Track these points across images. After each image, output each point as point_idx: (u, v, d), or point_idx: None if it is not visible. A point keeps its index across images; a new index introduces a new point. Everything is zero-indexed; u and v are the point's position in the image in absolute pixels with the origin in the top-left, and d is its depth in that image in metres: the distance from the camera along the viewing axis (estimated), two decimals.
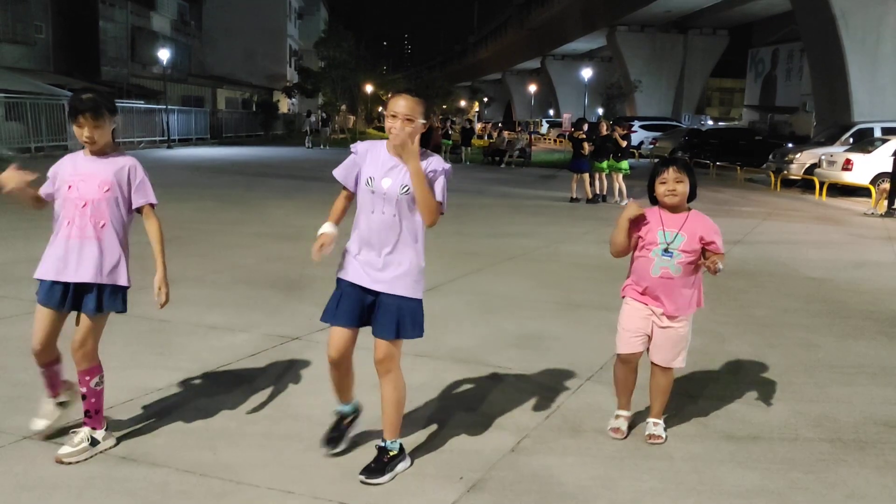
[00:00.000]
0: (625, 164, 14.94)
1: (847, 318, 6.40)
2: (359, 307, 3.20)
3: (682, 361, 3.73)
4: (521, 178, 21.35)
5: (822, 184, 18.04)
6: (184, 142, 33.83)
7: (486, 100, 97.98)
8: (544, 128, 57.57)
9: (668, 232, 3.57)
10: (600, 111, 47.85)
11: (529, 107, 68.55)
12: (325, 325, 3.32)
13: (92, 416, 3.37)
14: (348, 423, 3.47)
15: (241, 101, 50.35)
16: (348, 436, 3.47)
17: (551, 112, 70.67)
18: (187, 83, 45.67)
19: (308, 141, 35.88)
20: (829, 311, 6.64)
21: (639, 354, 3.75)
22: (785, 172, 20.10)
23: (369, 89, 54.13)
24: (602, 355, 4.95)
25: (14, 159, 20.44)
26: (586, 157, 14.97)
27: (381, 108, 52.35)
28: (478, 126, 43.60)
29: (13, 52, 30.56)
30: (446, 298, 6.55)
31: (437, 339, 5.22)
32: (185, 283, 6.75)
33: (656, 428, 3.76)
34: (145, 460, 3.32)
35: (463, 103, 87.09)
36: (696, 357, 4.85)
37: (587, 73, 48.13)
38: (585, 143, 14.87)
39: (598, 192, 15.15)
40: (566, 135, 33.54)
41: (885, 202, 14.77)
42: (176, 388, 4.21)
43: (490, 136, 32.02)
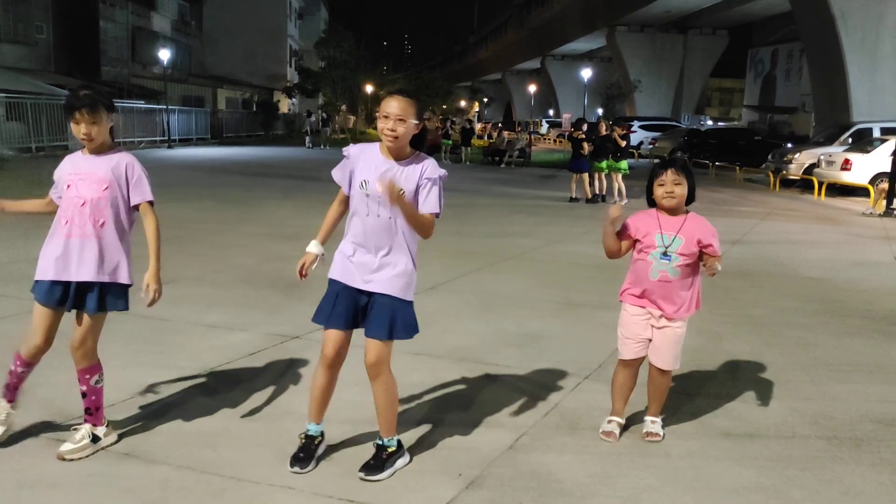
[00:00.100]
0: (624, 164, 14.97)
1: (844, 317, 6.43)
2: (353, 309, 3.20)
3: (676, 363, 3.75)
4: (521, 178, 21.37)
5: (820, 184, 18.07)
6: (184, 142, 33.87)
7: (486, 100, 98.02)
8: (544, 128, 57.60)
9: (667, 235, 3.58)
10: (600, 111, 47.88)
11: (529, 107, 68.57)
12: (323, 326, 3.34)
13: (93, 413, 3.39)
14: (317, 444, 3.34)
15: (241, 101, 50.39)
16: (317, 456, 3.33)
17: (551, 112, 70.73)
18: (188, 83, 45.73)
19: (308, 141, 35.91)
20: (826, 310, 6.67)
21: (641, 360, 3.77)
22: (784, 172, 20.13)
23: (369, 89, 54.15)
24: (600, 354, 4.98)
25: (14, 158, 20.49)
26: (586, 157, 15.00)
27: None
28: (478, 126, 43.62)
29: (14, 52, 30.59)
30: (446, 297, 6.57)
31: (437, 337, 5.25)
32: (185, 282, 6.78)
33: (654, 426, 3.78)
34: (146, 457, 3.34)
35: (463, 103, 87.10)
36: (694, 356, 4.88)
37: (587, 73, 48.16)
38: (585, 143, 14.91)
39: (597, 191, 15.18)
40: (566, 135, 33.57)
41: (884, 202, 14.80)
42: (176, 387, 4.23)
43: (490, 137, 32.05)
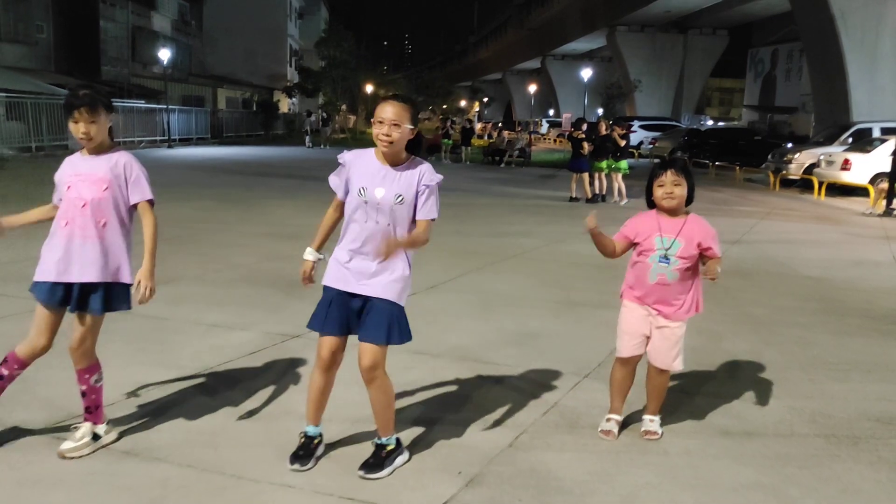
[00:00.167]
0: (624, 164, 14.98)
1: (843, 316, 6.44)
2: (346, 315, 3.20)
3: (679, 364, 3.75)
4: (521, 178, 21.38)
5: (820, 183, 18.08)
6: (184, 141, 33.89)
7: (486, 100, 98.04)
8: (544, 127, 57.59)
9: (666, 238, 3.58)
10: (600, 111, 47.88)
11: (529, 107, 68.54)
12: None
13: (93, 411, 3.40)
14: (316, 445, 3.36)
15: (241, 100, 50.37)
16: (316, 455, 3.35)
17: (551, 112, 70.72)
18: (188, 83, 45.73)
19: (308, 140, 35.92)
20: (825, 309, 6.68)
21: (638, 357, 3.78)
22: (784, 172, 20.14)
23: (370, 89, 54.16)
24: (600, 353, 4.99)
25: (14, 158, 20.51)
26: (586, 157, 15.01)
27: None
28: (478, 126, 43.61)
29: (14, 52, 30.60)
30: (446, 297, 6.59)
31: (437, 336, 5.27)
32: (186, 281, 6.79)
33: (652, 424, 3.80)
34: (147, 456, 3.36)
35: (463, 103, 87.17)
36: (694, 355, 4.88)
37: (587, 73, 48.14)
38: (585, 142, 14.92)
39: (597, 191, 15.19)
40: (566, 134, 33.58)
41: (884, 202, 14.82)
42: (177, 386, 4.24)
43: (490, 136, 32.05)
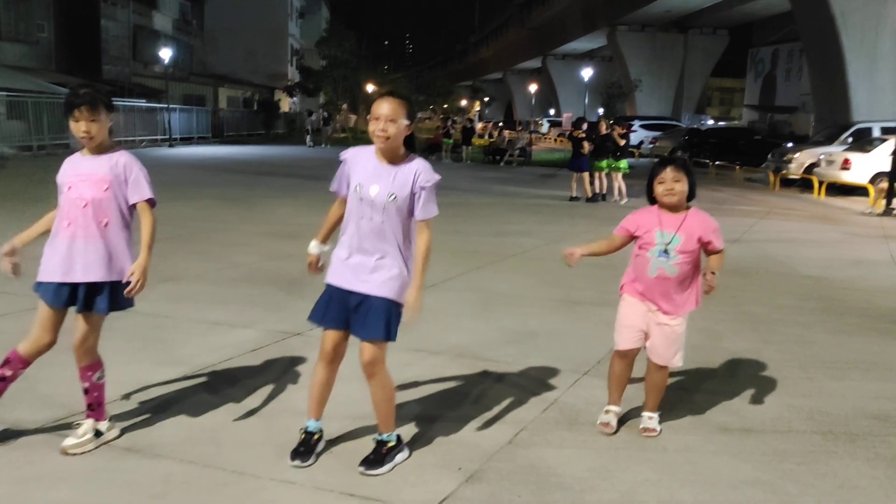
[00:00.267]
0: (624, 164, 15.01)
1: (842, 315, 6.47)
2: (344, 312, 3.24)
3: (679, 360, 3.77)
4: (522, 177, 21.40)
5: (820, 183, 18.09)
6: (185, 140, 33.91)
7: (487, 99, 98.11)
8: (545, 127, 57.61)
9: (666, 232, 3.61)
10: (601, 111, 47.91)
11: (530, 106, 68.60)
12: None
13: (95, 408, 3.43)
14: (316, 440, 3.38)
15: (242, 99, 50.37)
16: (317, 451, 3.38)
17: (552, 111, 70.74)
18: (189, 82, 45.75)
19: (309, 140, 35.93)
20: (824, 308, 6.70)
21: (636, 351, 3.80)
22: (784, 172, 20.15)
23: (370, 88, 54.16)
24: (599, 350, 5.01)
25: (15, 157, 20.53)
26: (586, 157, 15.02)
27: None
28: (478, 125, 43.63)
29: (15, 51, 30.64)
30: (446, 295, 6.61)
31: (437, 334, 5.29)
32: (187, 280, 6.82)
33: (651, 421, 3.82)
34: (149, 452, 3.38)
35: (464, 102, 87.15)
36: (693, 353, 4.90)
37: (588, 72, 48.19)
38: (585, 142, 14.93)
39: (597, 190, 15.20)
40: (566, 134, 33.59)
41: (883, 201, 14.83)
42: (178, 383, 4.27)
43: (491, 136, 32.07)
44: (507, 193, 16.45)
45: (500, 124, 39.40)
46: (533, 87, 66.67)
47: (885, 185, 15.06)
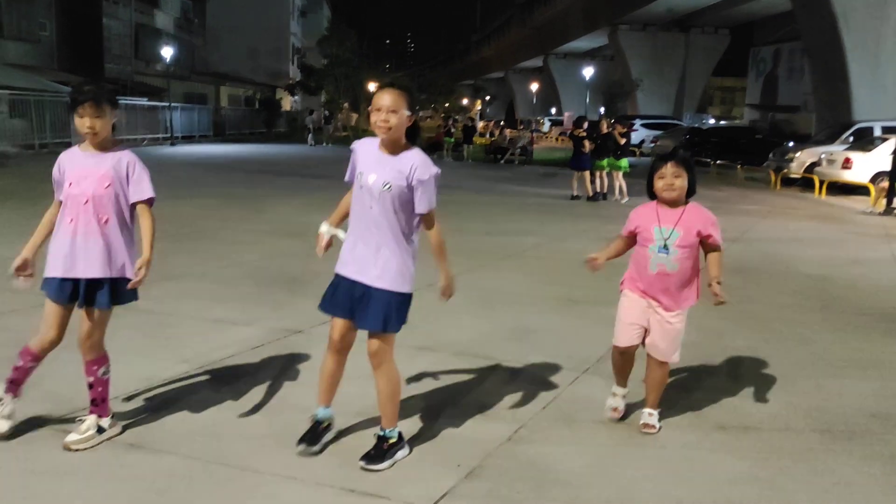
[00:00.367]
0: (624, 163, 15.03)
1: (841, 313, 6.49)
2: (349, 300, 3.28)
3: (676, 357, 3.80)
4: (523, 176, 21.41)
5: (821, 182, 18.08)
6: (187, 139, 33.94)
7: (488, 98, 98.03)
8: (546, 126, 57.60)
9: (665, 228, 3.63)
10: (602, 110, 47.90)
11: (532, 105, 68.66)
12: (326, 319, 3.42)
13: (98, 404, 3.46)
14: (324, 428, 3.46)
15: (243, 98, 50.43)
16: (324, 440, 3.45)
17: (553, 110, 70.72)
18: (190, 80, 45.76)
19: (310, 138, 35.92)
20: (824, 307, 6.72)
21: (635, 347, 3.83)
22: (785, 171, 20.13)
23: (372, 87, 54.16)
24: (599, 348, 5.03)
25: (17, 155, 20.57)
26: (587, 155, 15.04)
27: None
28: (480, 124, 43.64)
29: (18, 50, 30.68)
30: None
31: (437, 332, 5.32)
32: (190, 278, 6.85)
33: (651, 418, 3.84)
34: (152, 448, 3.41)
35: (465, 101, 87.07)
36: (693, 351, 4.93)
37: (589, 71, 48.21)
38: (586, 141, 14.95)
39: (598, 189, 15.23)
40: (567, 133, 33.60)
41: (884, 201, 14.83)
42: (181, 380, 4.30)
43: (492, 135, 32.08)
44: (508, 192, 16.47)
45: (502, 123, 39.39)
46: (534, 86, 66.72)
47: (885, 184, 15.06)
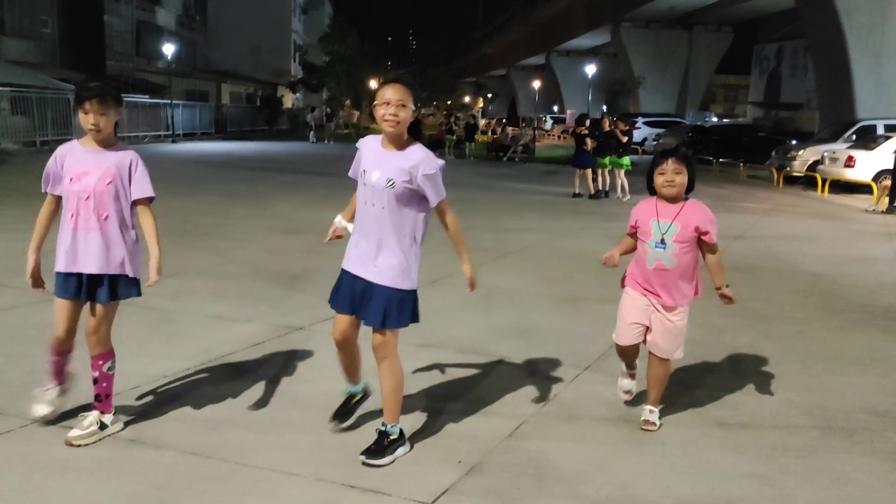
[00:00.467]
0: (626, 160, 15.03)
1: (843, 311, 6.49)
2: (350, 296, 3.34)
3: (680, 353, 3.81)
4: (525, 174, 21.41)
5: (824, 180, 18.07)
6: (188, 136, 33.91)
7: (490, 95, 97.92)
8: (548, 123, 57.56)
9: (663, 223, 3.64)
10: (605, 107, 47.84)
11: (534, 103, 68.52)
12: (327, 316, 3.46)
13: (102, 400, 3.47)
14: (356, 402, 3.67)
15: (245, 95, 50.40)
16: (355, 413, 3.66)
17: (555, 108, 70.65)
18: (192, 78, 45.72)
19: (312, 136, 35.90)
20: (825, 304, 6.72)
21: (637, 345, 3.84)
22: (787, 169, 20.12)
23: (374, 84, 54.14)
24: (600, 346, 5.04)
25: (19, 152, 20.59)
26: (589, 153, 15.03)
27: None
28: (482, 122, 43.64)
29: (19, 47, 30.69)
30: (448, 290, 6.63)
31: (439, 329, 5.33)
32: (191, 275, 6.86)
33: (651, 415, 3.85)
34: (153, 443, 3.43)
35: (467, 99, 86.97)
36: (694, 348, 4.93)
37: (591, 69, 48.09)
38: (588, 138, 14.95)
39: (600, 187, 15.23)
40: (569, 131, 33.57)
41: (887, 199, 14.82)
42: (183, 376, 4.31)
43: (494, 132, 32.08)
44: (509, 190, 16.48)
45: (504, 121, 39.40)
46: (536, 84, 66.51)
47: (888, 182, 15.05)
